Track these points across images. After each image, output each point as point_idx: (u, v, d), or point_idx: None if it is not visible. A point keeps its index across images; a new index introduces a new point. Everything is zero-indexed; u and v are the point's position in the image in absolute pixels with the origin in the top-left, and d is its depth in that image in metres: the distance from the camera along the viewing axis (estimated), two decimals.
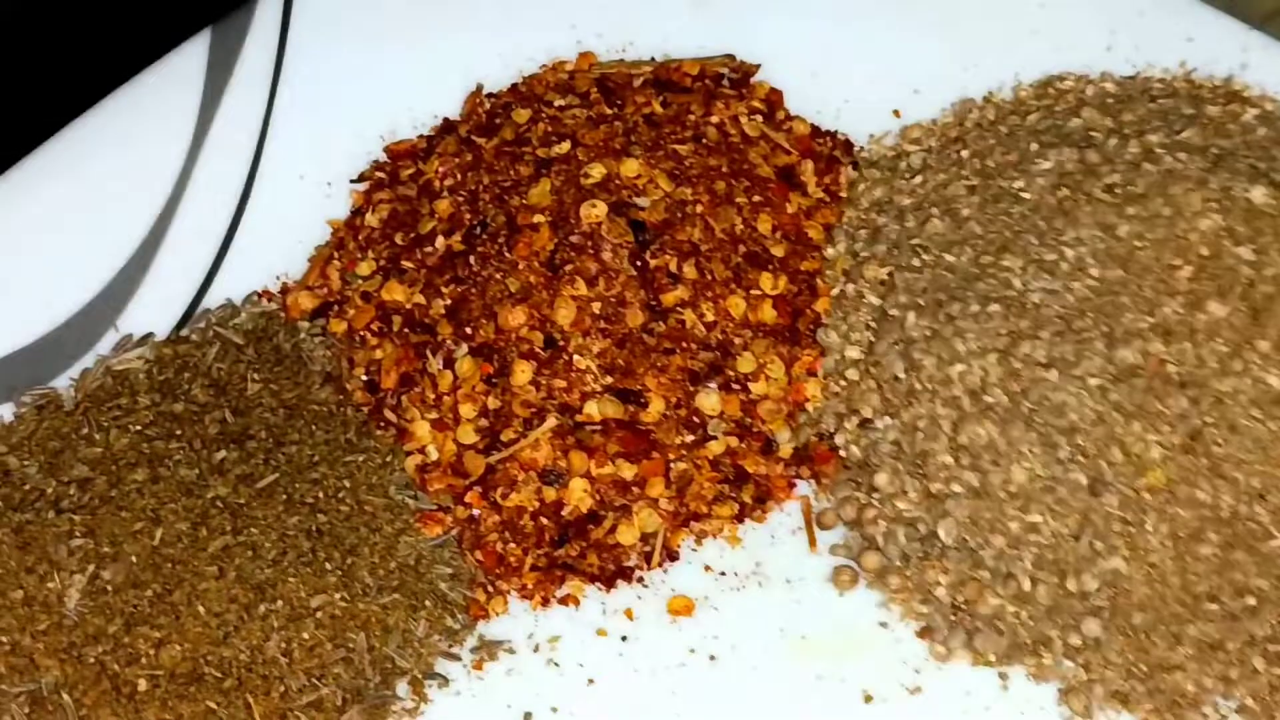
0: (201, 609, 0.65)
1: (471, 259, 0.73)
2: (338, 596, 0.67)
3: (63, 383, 0.73)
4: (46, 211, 0.75)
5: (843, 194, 0.76)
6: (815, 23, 0.80)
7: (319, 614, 0.66)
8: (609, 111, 0.76)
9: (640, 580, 0.69)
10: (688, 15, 0.81)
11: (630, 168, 0.73)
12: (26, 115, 0.77)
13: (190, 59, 0.78)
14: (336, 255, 0.76)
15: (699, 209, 0.73)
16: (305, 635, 0.66)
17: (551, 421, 0.70)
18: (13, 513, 0.67)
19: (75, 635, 0.65)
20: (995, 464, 0.67)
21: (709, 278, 0.72)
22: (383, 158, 0.79)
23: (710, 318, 0.71)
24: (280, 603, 0.66)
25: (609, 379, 0.70)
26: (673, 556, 0.70)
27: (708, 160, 0.74)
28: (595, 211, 0.72)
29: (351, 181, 0.78)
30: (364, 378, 0.73)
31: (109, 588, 0.66)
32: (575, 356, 0.70)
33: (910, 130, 0.78)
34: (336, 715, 0.66)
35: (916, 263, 0.72)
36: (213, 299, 0.76)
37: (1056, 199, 0.71)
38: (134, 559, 0.66)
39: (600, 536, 0.70)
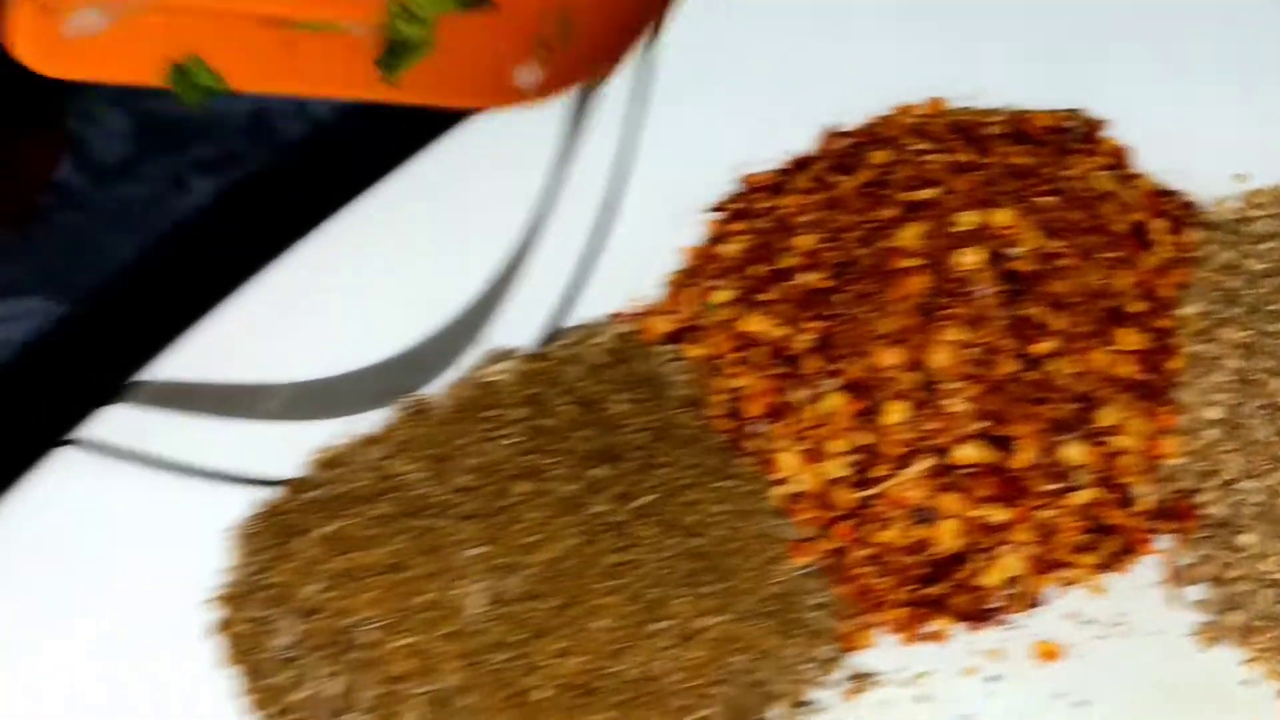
0: (598, 624, 0.67)
1: (838, 297, 0.74)
2: (719, 619, 0.68)
3: (432, 392, 0.75)
4: (416, 227, 0.77)
5: (1190, 254, 0.78)
6: (1157, 81, 0.81)
7: (703, 635, 0.68)
8: (970, 159, 0.78)
9: (1005, 623, 0.71)
10: (1034, 67, 0.82)
11: (1002, 217, 0.74)
12: (396, 132, 0.78)
13: None
14: (691, 282, 0.78)
15: (1066, 261, 0.74)
16: (691, 655, 0.68)
17: (926, 462, 0.71)
18: (409, 518, 0.69)
19: (477, 642, 0.67)
20: None
21: (1074, 330, 0.73)
22: (737, 189, 0.80)
23: (1074, 370, 0.73)
24: (668, 622, 0.68)
25: (980, 424, 0.72)
26: (1035, 602, 0.71)
27: (1069, 214, 0.76)
28: (971, 259, 0.73)
29: (707, 211, 0.79)
30: (724, 404, 0.75)
31: (509, 597, 0.67)
32: (949, 400, 0.72)
33: (1254, 195, 0.80)
34: None
35: (1277, 329, 0.74)
36: (572, 319, 0.77)
37: None
38: (532, 571, 0.68)
39: (966, 577, 0.71)
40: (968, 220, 0.74)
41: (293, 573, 0.68)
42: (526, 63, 0.71)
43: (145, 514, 0.70)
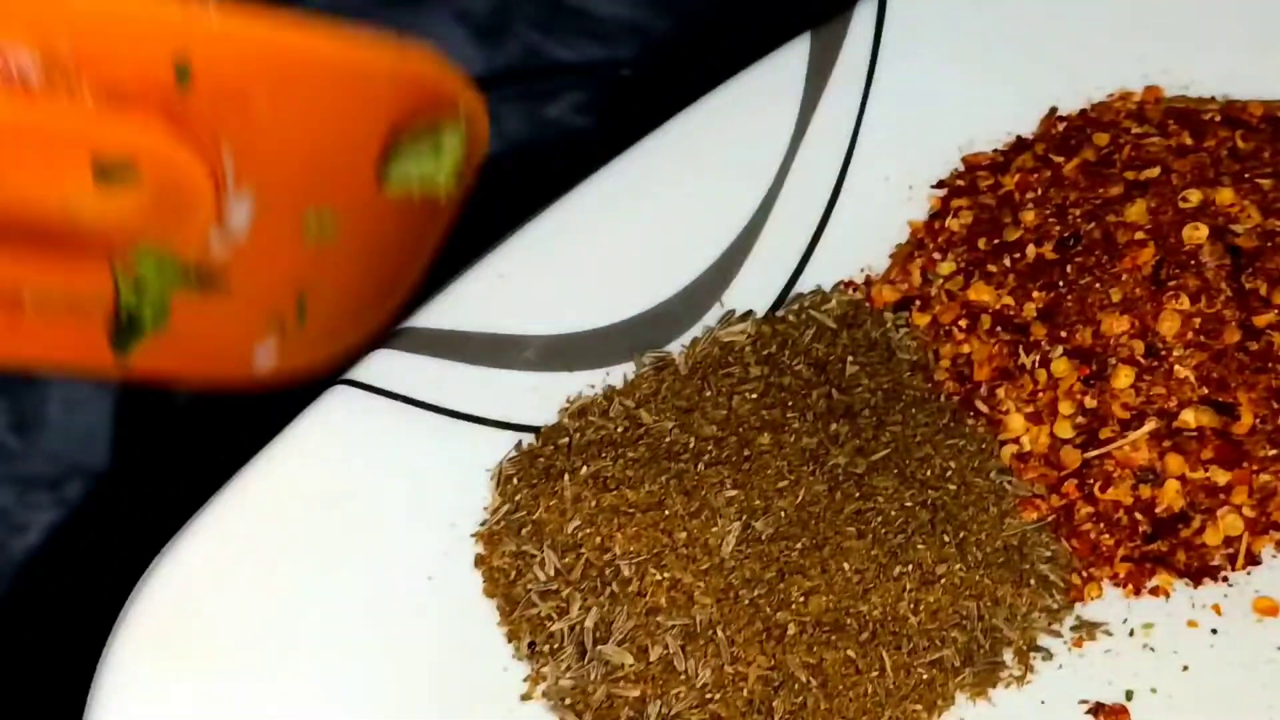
0: (845, 565, 0.71)
1: (1067, 268, 0.78)
2: (957, 567, 0.72)
3: (673, 349, 0.79)
4: (661, 197, 0.81)
5: None
6: None
7: (943, 581, 0.72)
8: (1189, 142, 0.81)
9: (1225, 579, 0.74)
10: (1245, 58, 0.85)
11: (1226, 195, 0.78)
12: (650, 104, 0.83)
13: (793, 60, 0.84)
14: (916, 254, 0.82)
15: None
16: (931, 599, 0.71)
17: (1151, 424, 0.75)
18: (666, 462, 0.73)
19: (731, 578, 0.71)
20: None
21: None
22: (960, 167, 0.84)
23: None
24: (910, 567, 0.71)
25: (1204, 390, 0.75)
26: (1254, 561, 0.75)
27: None
28: (1198, 234, 0.77)
29: (932, 187, 0.83)
30: (952, 368, 0.78)
31: (762, 537, 0.71)
32: (1175, 366, 0.75)
33: None
34: (952, 676, 0.71)
35: None
36: (804, 285, 0.81)
37: None
38: (783, 513, 0.72)
39: (1188, 536, 0.75)
40: (1193, 198, 0.78)
41: (553, 510, 0.72)
42: (263, 341, 0.69)
43: (408, 451, 0.75)
